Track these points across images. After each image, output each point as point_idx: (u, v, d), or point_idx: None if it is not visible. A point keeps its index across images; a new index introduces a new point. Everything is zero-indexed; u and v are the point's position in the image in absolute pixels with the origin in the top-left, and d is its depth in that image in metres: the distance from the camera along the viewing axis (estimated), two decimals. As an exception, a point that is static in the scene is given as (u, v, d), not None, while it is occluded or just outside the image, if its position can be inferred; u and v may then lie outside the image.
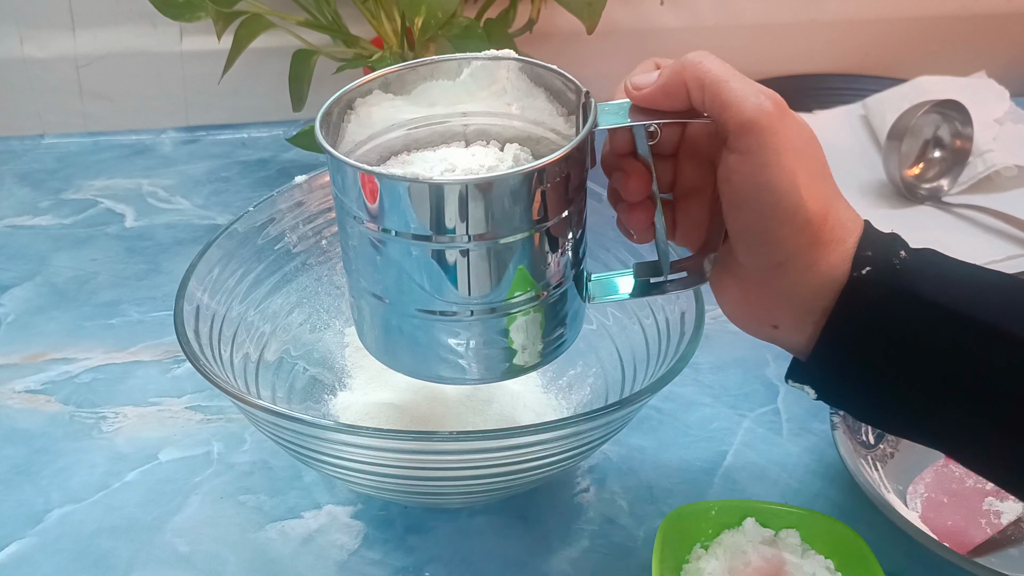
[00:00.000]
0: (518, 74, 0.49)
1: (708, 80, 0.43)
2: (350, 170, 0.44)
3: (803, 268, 0.44)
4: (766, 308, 0.47)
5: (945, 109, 0.85)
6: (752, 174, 0.43)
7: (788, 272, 0.44)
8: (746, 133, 0.43)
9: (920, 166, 0.87)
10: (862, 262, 0.44)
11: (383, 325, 0.49)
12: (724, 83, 0.43)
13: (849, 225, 0.45)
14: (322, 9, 0.84)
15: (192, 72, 0.94)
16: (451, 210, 0.43)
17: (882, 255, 0.44)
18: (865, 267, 0.44)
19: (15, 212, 0.85)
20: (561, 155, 0.44)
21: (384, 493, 0.57)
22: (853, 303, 0.44)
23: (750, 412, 0.67)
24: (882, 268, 0.44)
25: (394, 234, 0.45)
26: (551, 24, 0.91)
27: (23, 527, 0.58)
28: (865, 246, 0.44)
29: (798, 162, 0.43)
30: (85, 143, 0.95)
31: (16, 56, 0.92)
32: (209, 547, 0.57)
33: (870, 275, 0.43)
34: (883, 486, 0.58)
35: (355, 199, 0.45)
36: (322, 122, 0.47)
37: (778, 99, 0.43)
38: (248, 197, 0.86)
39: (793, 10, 1.01)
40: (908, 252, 0.44)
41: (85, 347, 0.71)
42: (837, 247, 0.44)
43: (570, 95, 0.48)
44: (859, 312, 0.44)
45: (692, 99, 0.44)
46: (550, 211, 0.45)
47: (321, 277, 0.65)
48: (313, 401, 0.62)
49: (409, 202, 0.43)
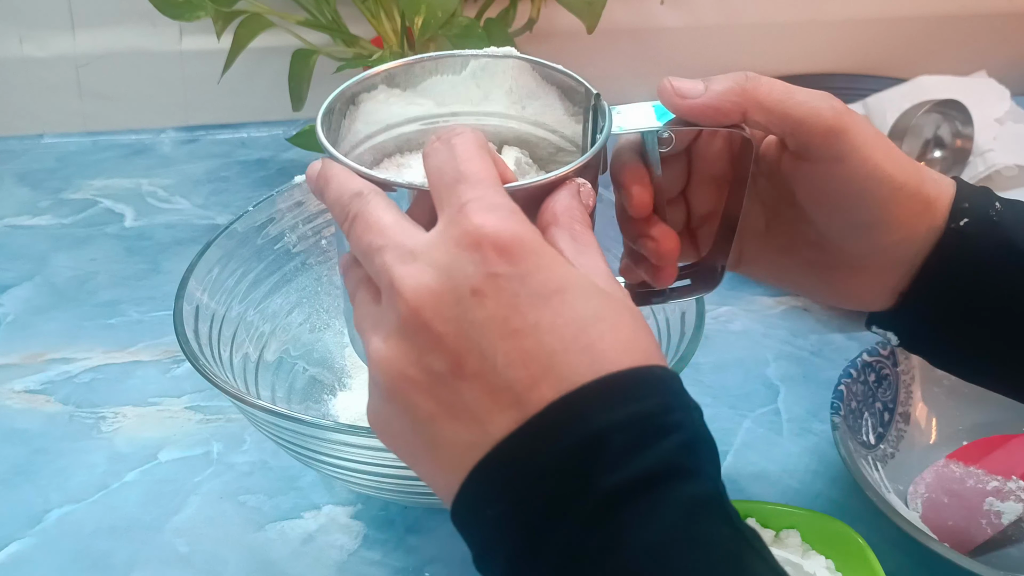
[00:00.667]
0: (523, 73, 0.49)
1: (775, 96, 0.44)
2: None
3: (911, 236, 0.45)
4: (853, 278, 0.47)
5: (945, 109, 0.85)
6: (851, 175, 0.44)
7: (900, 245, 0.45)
8: (835, 139, 0.43)
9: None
10: (959, 213, 0.45)
11: None
12: (789, 99, 0.44)
13: (942, 183, 0.46)
14: (322, 8, 0.84)
15: (192, 72, 0.94)
16: None
17: (979, 207, 0.45)
18: (963, 219, 0.45)
19: (15, 212, 0.85)
20: (576, 168, 0.42)
21: (384, 493, 0.57)
22: (951, 252, 0.45)
23: (750, 412, 0.67)
24: (979, 219, 0.45)
25: None
26: (551, 24, 0.91)
27: (23, 527, 0.58)
28: (961, 198, 0.45)
29: (883, 145, 0.44)
30: (84, 143, 0.95)
31: (16, 56, 0.92)
32: (209, 547, 0.57)
33: (968, 226, 0.45)
34: (883, 486, 0.58)
35: None
36: (323, 120, 0.46)
37: (836, 99, 0.44)
38: (248, 197, 0.86)
39: (793, 10, 1.01)
40: (1003, 204, 0.46)
41: (85, 347, 0.71)
42: (937, 204, 0.45)
43: (577, 95, 0.47)
44: (956, 263, 0.45)
45: (748, 119, 0.44)
46: None
47: (321, 277, 0.65)
48: (313, 401, 0.62)
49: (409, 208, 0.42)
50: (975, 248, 0.45)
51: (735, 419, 0.66)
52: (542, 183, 0.41)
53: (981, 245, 0.45)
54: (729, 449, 0.64)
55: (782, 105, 0.43)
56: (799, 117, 0.43)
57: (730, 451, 0.64)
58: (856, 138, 0.43)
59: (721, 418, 0.66)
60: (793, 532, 0.54)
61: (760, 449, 0.64)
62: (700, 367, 0.69)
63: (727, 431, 0.65)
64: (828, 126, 0.43)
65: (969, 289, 0.45)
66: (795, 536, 0.54)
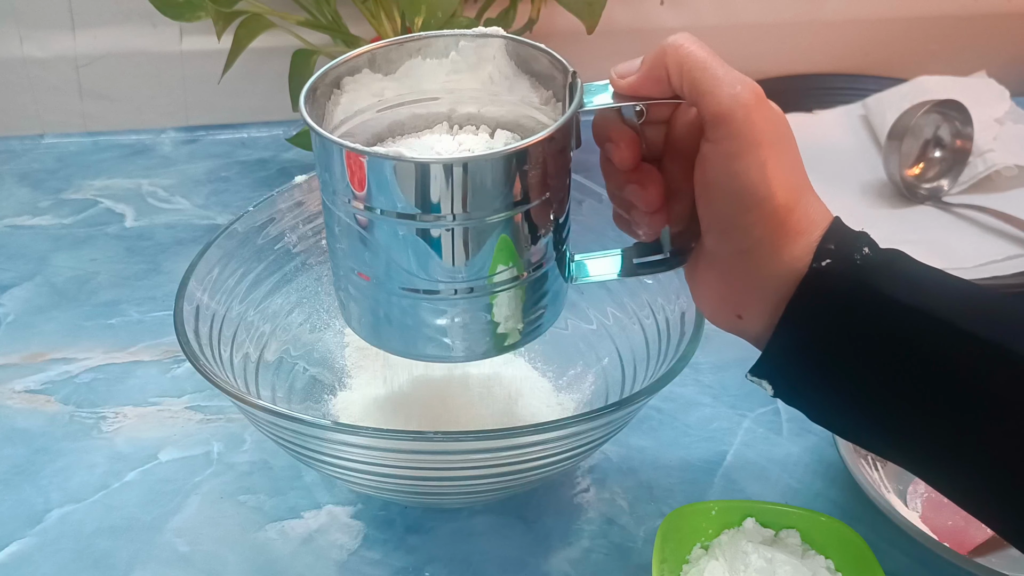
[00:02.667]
0: (505, 56, 0.49)
1: (687, 65, 0.43)
2: (336, 149, 0.44)
3: (768, 256, 0.44)
4: (732, 296, 0.47)
5: (945, 109, 0.85)
6: (724, 162, 0.43)
7: (753, 258, 0.45)
8: (721, 123, 0.43)
9: (920, 166, 0.87)
10: (823, 254, 0.44)
11: (368, 304, 0.48)
12: (702, 70, 0.43)
13: (816, 218, 0.45)
14: (322, 9, 0.84)
15: (192, 72, 0.94)
16: (436, 189, 0.43)
17: (844, 249, 0.44)
18: (826, 259, 0.44)
19: (15, 212, 0.85)
20: (545, 136, 0.44)
21: (384, 493, 0.57)
22: (810, 293, 0.44)
23: (750, 412, 0.67)
24: (842, 261, 0.44)
25: (379, 213, 0.44)
26: (551, 24, 0.91)
27: (23, 527, 0.58)
28: (829, 239, 0.44)
29: (770, 153, 0.43)
30: (85, 143, 0.95)
31: (16, 56, 0.92)
32: (209, 547, 0.57)
33: (830, 267, 0.43)
34: (883, 486, 0.58)
35: (340, 178, 0.45)
36: (307, 98, 0.46)
37: (755, 88, 0.43)
38: (248, 197, 0.86)
39: (793, 10, 1.01)
40: (872, 249, 0.44)
41: (85, 347, 0.71)
42: (802, 238, 0.44)
43: (557, 76, 0.48)
44: (815, 303, 0.44)
45: (672, 84, 0.44)
46: (533, 191, 0.45)
47: (321, 277, 0.65)
48: (313, 401, 0.62)
49: (395, 181, 0.43)
50: (834, 289, 0.43)
51: (735, 419, 0.66)
52: (508, 151, 0.43)
53: (840, 287, 0.43)
54: (729, 449, 0.64)
55: (694, 73, 0.43)
56: (703, 89, 0.43)
57: (730, 451, 0.64)
58: (749, 131, 0.42)
59: (721, 418, 0.66)
60: (793, 532, 0.55)
61: (760, 449, 0.64)
62: (700, 367, 0.69)
63: (727, 431, 0.65)
64: (722, 108, 0.43)
65: (829, 332, 0.44)
66: (795, 536, 0.54)
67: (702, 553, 0.54)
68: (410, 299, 0.47)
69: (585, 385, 0.63)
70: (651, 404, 0.63)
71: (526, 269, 0.47)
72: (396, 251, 0.46)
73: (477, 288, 0.46)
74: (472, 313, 0.47)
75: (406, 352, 0.50)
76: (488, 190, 0.44)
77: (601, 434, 0.53)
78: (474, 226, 0.45)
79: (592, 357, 0.63)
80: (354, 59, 0.49)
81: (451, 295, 0.46)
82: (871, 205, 0.85)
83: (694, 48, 0.43)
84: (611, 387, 0.61)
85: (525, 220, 0.46)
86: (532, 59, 0.49)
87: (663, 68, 0.44)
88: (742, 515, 0.55)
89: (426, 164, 0.43)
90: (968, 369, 0.41)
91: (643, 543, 0.58)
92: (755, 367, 0.47)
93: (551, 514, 0.59)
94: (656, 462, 0.63)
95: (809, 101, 0.96)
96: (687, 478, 0.62)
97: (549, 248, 0.48)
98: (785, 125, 0.44)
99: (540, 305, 0.49)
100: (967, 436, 0.42)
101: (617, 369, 0.61)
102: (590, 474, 0.62)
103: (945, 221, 0.83)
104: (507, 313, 0.48)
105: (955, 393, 0.42)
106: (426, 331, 0.48)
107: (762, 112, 0.43)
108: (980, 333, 0.41)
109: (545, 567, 0.56)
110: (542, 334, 0.50)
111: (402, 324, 0.48)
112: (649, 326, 0.59)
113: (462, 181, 0.43)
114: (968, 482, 0.44)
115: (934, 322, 0.42)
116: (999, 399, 0.41)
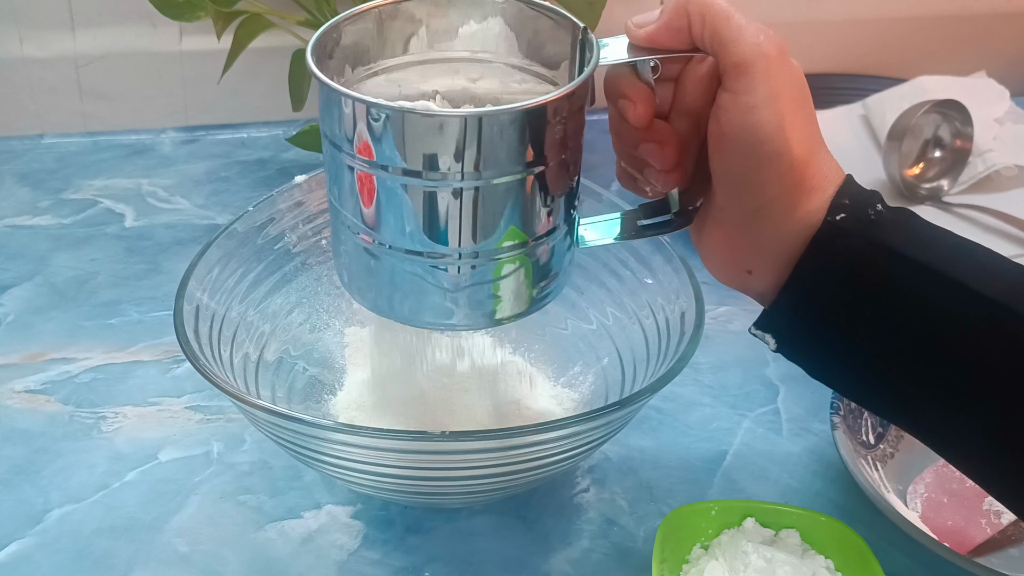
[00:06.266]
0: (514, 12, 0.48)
1: (710, 14, 0.43)
2: (341, 98, 0.43)
3: (782, 213, 0.44)
4: (742, 254, 0.47)
5: (945, 109, 0.85)
6: (741, 114, 0.43)
7: (767, 216, 0.45)
8: (742, 74, 0.43)
9: (920, 166, 0.87)
10: (837, 208, 0.44)
11: (368, 266, 0.47)
12: (726, 19, 0.43)
13: (831, 175, 0.45)
14: (322, 9, 0.84)
15: (192, 72, 0.94)
16: (445, 145, 0.42)
17: (858, 205, 0.44)
18: (840, 213, 0.44)
19: (15, 212, 0.85)
20: (563, 93, 0.42)
21: (384, 493, 0.57)
22: (824, 247, 0.44)
23: (750, 412, 0.67)
24: (857, 217, 0.44)
25: (383, 168, 0.43)
26: (551, 24, 0.91)
27: (23, 527, 0.58)
28: (843, 194, 0.44)
29: (788, 107, 0.43)
30: (85, 143, 0.95)
31: (16, 56, 0.92)
32: (209, 547, 0.57)
33: (843, 222, 0.44)
34: (883, 486, 0.58)
35: (344, 129, 0.43)
36: (315, 49, 0.44)
37: (779, 41, 0.43)
38: (248, 197, 0.86)
39: (793, 10, 1.01)
40: (885, 207, 0.45)
41: (85, 347, 0.71)
42: (817, 194, 0.44)
43: (565, 32, 0.47)
44: (828, 257, 0.44)
45: (693, 34, 0.44)
46: (547, 152, 0.43)
47: (321, 277, 0.65)
48: (313, 401, 0.62)
49: (401, 134, 0.42)
50: (848, 245, 0.43)
51: (735, 419, 0.66)
52: (526, 106, 0.41)
53: (854, 242, 0.43)
54: (729, 449, 0.64)
55: (717, 22, 0.43)
56: (725, 38, 0.43)
57: (730, 451, 0.64)
58: (768, 83, 0.42)
59: (721, 418, 0.66)
60: (792, 532, 0.55)
61: (760, 449, 0.64)
62: (700, 367, 0.69)
63: (727, 431, 0.65)
64: (744, 58, 0.43)
65: (840, 286, 0.44)
66: (794, 536, 0.54)
67: (702, 553, 0.54)
68: (413, 262, 0.45)
69: (585, 385, 0.63)
70: (651, 404, 0.63)
71: (537, 233, 0.46)
72: (399, 211, 0.44)
73: (485, 253, 0.45)
74: (477, 279, 0.46)
75: (404, 318, 0.48)
76: (503, 149, 0.42)
77: (601, 434, 0.53)
78: (485, 187, 0.43)
79: (592, 357, 0.63)
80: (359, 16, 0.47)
81: (456, 260, 0.45)
82: (871, 205, 0.85)
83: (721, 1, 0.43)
84: (611, 387, 0.61)
85: (539, 183, 0.44)
86: (538, 21, 0.47)
87: (684, 17, 0.44)
88: (742, 515, 0.55)
89: (435, 117, 0.41)
90: (973, 327, 0.42)
91: (643, 543, 0.58)
92: (760, 321, 0.47)
93: (551, 514, 0.59)
94: (656, 462, 0.63)
95: (809, 101, 0.96)
96: (687, 478, 0.62)
97: (561, 212, 0.46)
98: (803, 81, 0.44)
99: (550, 271, 0.48)
100: (969, 393, 0.42)
101: (617, 369, 0.61)
102: (590, 474, 0.62)
103: (945, 221, 0.83)
104: (515, 280, 0.46)
105: (960, 351, 0.42)
106: (427, 296, 0.46)
107: (782, 65, 0.43)
108: (987, 293, 0.42)
109: (545, 567, 0.56)
110: (551, 301, 0.49)
111: (403, 288, 0.46)
112: (649, 326, 0.59)
113: (476, 137, 0.41)
114: (968, 443, 0.44)
115: (943, 280, 0.42)
116: (1002, 358, 0.41)
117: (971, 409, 0.43)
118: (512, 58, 0.49)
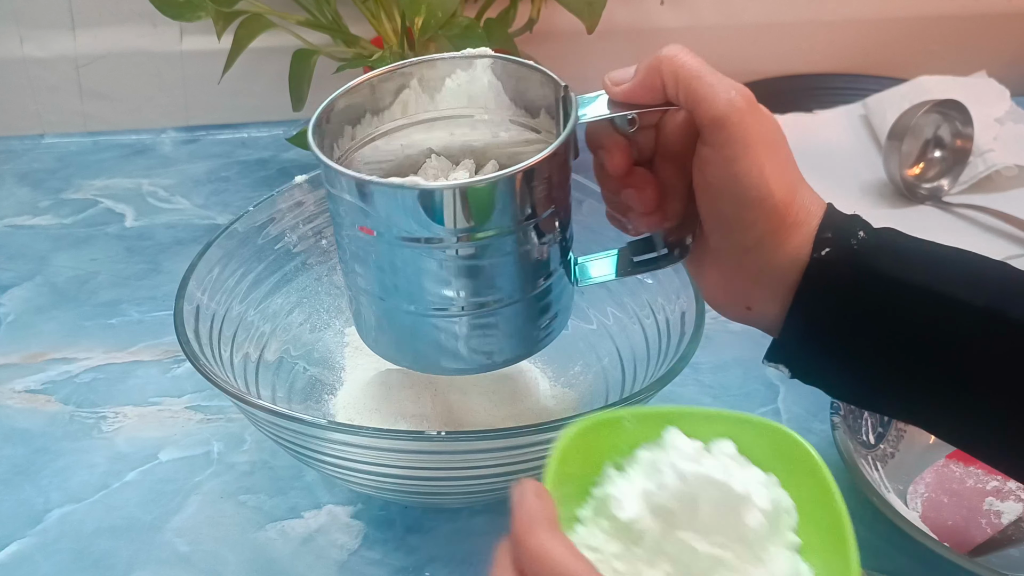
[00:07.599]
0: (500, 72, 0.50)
1: (682, 75, 0.45)
2: (343, 178, 0.45)
3: (771, 250, 0.46)
4: (740, 290, 0.49)
5: (945, 109, 0.85)
6: (724, 165, 0.45)
7: (758, 255, 0.47)
8: (718, 128, 0.45)
9: (920, 166, 0.87)
10: (822, 244, 0.46)
11: (381, 322, 0.50)
12: (697, 78, 0.45)
13: (812, 208, 0.47)
14: (322, 9, 0.84)
15: (192, 72, 0.94)
16: (441, 213, 0.44)
17: (841, 236, 0.46)
18: (824, 248, 0.46)
19: (15, 212, 0.85)
20: (546, 155, 0.45)
21: (384, 493, 0.57)
22: (814, 282, 0.46)
23: (750, 412, 0.66)
24: (840, 248, 0.46)
25: (386, 236, 0.46)
26: (551, 24, 0.91)
27: (23, 527, 0.58)
28: (825, 228, 0.46)
29: (765, 153, 0.45)
30: (85, 143, 0.95)
31: (16, 56, 0.92)
32: (209, 547, 0.57)
33: (829, 256, 0.46)
34: (883, 486, 0.58)
35: (348, 204, 0.46)
36: (315, 130, 0.47)
37: (747, 93, 0.45)
38: (248, 197, 0.86)
39: (793, 10, 1.01)
40: (867, 232, 0.47)
41: (85, 347, 0.71)
42: (801, 229, 0.46)
43: (548, 92, 0.49)
44: (820, 291, 0.46)
45: (667, 93, 0.46)
46: (538, 208, 0.46)
47: (321, 277, 0.65)
48: (313, 401, 0.62)
49: (400, 206, 0.45)
50: (837, 275, 0.46)
51: (735, 419, 0.66)
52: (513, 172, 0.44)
53: (841, 274, 0.46)
54: (729, 449, 0.64)
55: (689, 81, 0.45)
56: (699, 96, 0.45)
57: (730, 451, 0.63)
58: (744, 134, 0.44)
59: (721, 418, 0.66)
60: (727, 442, 0.42)
61: (760, 449, 0.64)
62: (700, 367, 0.69)
63: (727, 431, 0.65)
64: (718, 113, 0.44)
65: (837, 317, 0.46)
66: (729, 447, 0.42)
67: (615, 474, 0.42)
68: (422, 317, 0.48)
69: (585, 385, 0.63)
70: (651, 404, 0.63)
71: (536, 280, 0.48)
72: (404, 272, 0.47)
73: (488, 304, 0.47)
74: (483, 328, 0.48)
75: (422, 367, 0.51)
76: (492, 210, 0.45)
77: (601, 434, 0.53)
78: (480, 245, 0.46)
79: (592, 357, 0.63)
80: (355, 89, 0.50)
81: (459, 312, 0.48)
82: (871, 205, 0.85)
83: (688, 59, 0.45)
84: (611, 387, 0.61)
85: (533, 234, 0.47)
86: (522, 76, 0.50)
87: (658, 77, 0.46)
88: (662, 424, 0.42)
89: (429, 190, 0.44)
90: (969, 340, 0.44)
91: (643, 543, 0.58)
92: (770, 353, 0.49)
93: (551, 514, 0.59)
94: (656, 462, 0.63)
95: (809, 101, 0.96)
96: (687, 478, 0.61)
97: (556, 256, 0.49)
98: (776, 126, 0.46)
99: (551, 312, 0.50)
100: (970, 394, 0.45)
101: (617, 369, 0.61)
102: (590, 474, 0.62)
103: (945, 221, 0.83)
104: (518, 324, 0.49)
105: (961, 364, 0.45)
106: (439, 346, 0.49)
107: (755, 115, 0.45)
108: (977, 302, 0.44)
109: (545, 567, 0.56)
110: (555, 339, 0.51)
111: (415, 340, 0.49)
112: (649, 326, 0.59)
113: (465, 204, 0.45)
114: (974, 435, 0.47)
115: (932, 296, 0.45)
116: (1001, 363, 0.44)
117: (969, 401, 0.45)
118: (501, 111, 0.51)
